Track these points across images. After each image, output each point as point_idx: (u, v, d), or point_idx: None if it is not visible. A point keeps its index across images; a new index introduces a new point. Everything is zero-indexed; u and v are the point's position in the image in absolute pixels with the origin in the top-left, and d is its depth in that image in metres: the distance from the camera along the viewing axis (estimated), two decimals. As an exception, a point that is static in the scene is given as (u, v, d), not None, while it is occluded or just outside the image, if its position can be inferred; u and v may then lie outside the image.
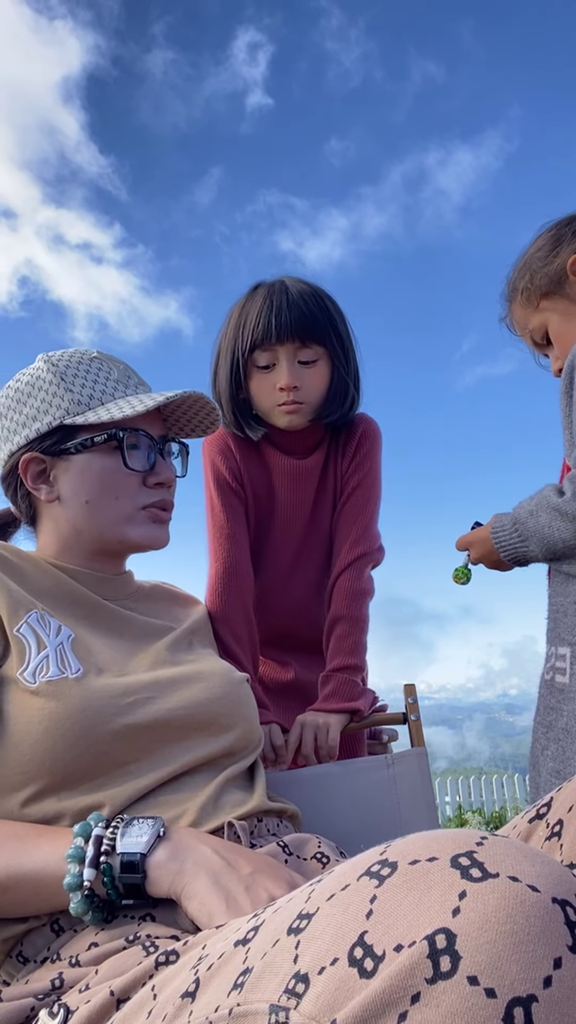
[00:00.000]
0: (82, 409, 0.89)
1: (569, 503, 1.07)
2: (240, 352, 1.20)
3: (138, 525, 0.93)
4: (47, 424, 0.89)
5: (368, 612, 1.25)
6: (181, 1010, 0.41)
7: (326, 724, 1.15)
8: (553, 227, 1.28)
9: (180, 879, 0.63)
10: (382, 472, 1.32)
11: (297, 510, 1.29)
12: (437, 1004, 0.30)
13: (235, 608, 1.18)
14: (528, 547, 1.15)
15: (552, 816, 0.56)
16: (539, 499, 1.13)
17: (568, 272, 1.22)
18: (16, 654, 0.77)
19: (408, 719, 1.21)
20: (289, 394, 1.19)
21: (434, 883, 0.33)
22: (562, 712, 1.11)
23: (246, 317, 1.20)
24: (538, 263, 1.26)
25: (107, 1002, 0.52)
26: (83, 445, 0.89)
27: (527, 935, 0.30)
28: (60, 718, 0.72)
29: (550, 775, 1.10)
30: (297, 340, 1.18)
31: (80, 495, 0.90)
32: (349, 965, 0.32)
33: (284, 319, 1.17)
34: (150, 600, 1.01)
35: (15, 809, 0.72)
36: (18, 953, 0.69)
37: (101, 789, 0.74)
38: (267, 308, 1.17)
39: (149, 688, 0.81)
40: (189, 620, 1.03)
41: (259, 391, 1.22)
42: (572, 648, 1.11)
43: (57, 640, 0.80)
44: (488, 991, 0.29)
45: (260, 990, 0.35)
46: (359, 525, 1.27)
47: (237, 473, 1.26)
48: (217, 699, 0.86)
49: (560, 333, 1.26)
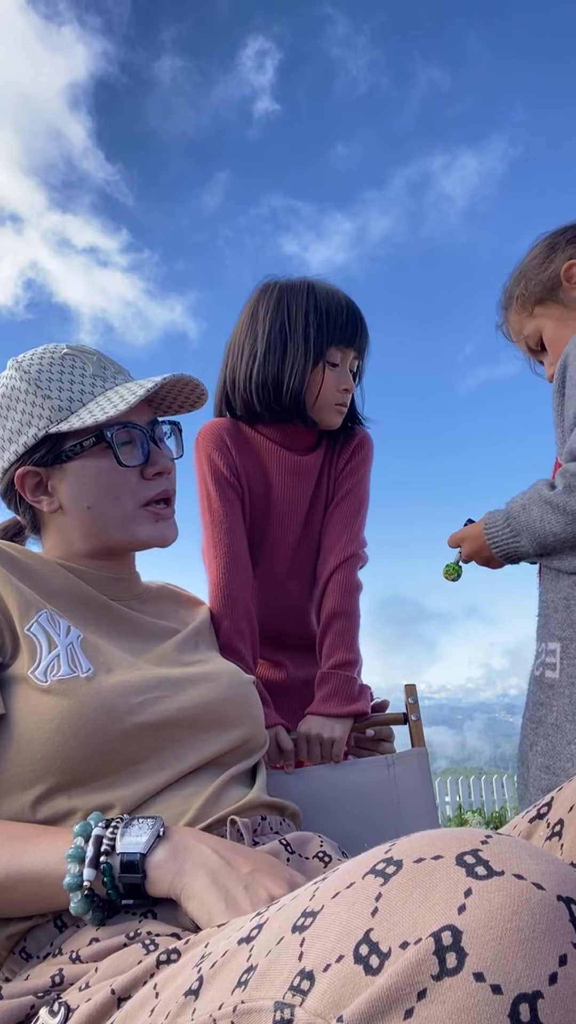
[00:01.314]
0: (64, 415, 0.87)
1: (559, 496, 1.08)
2: (324, 341, 1.22)
3: (143, 524, 0.92)
4: (33, 436, 0.87)
5: (359, 607, 1.26)
6: (184, 1008, 0.41)
7: (331, 737, 1.14)
8: (549, 236, 1.30)
9: (180, 879, 0.63)
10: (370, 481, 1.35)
11: (293, 507, 1.29)
12: (443, 1000, 0.30)
13: (237, 600, 1.17)
14: (520, 542, 1.15)
15: (553, 816, 0.56)
16: (531, 493, 1.14)
17: (562, 278, 1.24)
18: (27, 653, 0.77)
19: (408, 719, 1.21)
20: (345, 396, 1.25)
21: (439, 881, 0.33)
22: (552, 707, 1.11)
23: (326, 310, 1.23)
24: (533, 270, 1.29)
25: (108, 1000, 0.52)
26: (73, 452, 0.88)
27: (533, 932, 0.31)
28: (72, 716, 0.72)
29: (539, 771, 1.11)
30: (358, 351, 1.26)
31: (81, 501, 0.89)
32: (355, 962, 0.32)
33: (364, 329, 1.26)
34: (157, 601, 1.01)
35: (26, 807, 0.72)
36: (21, 949, 0.69)
37: (111, 788, 0.74)
38: (349, 312, 1.24)
39: (159, 687, 0.81)
40: (195, 622, 1.03)
41: (328, 386, 1.24)
42: (562, 643, 1.11)
43: (67, 640, 0.80)
44: (494, 987, 0.29)
45: (265, 987, 0.35)
46: (353, 526, 1.28)
47: (234, 468, 1.25)
48: (226, 699, 0.86)
49: (554, 339, 1.28)
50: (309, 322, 1.22)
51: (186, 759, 0.79)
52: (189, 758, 0.80)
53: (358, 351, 1.26)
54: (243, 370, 1.24)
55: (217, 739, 0.83)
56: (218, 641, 1.10)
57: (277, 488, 1.28)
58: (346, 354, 1.24)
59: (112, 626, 0.89)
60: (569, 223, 1.30)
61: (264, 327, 1.24)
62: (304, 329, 1.22)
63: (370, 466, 1.35)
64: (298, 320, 1.23)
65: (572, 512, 1.07)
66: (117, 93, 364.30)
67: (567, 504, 1.07)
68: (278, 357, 1.22)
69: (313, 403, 1.24)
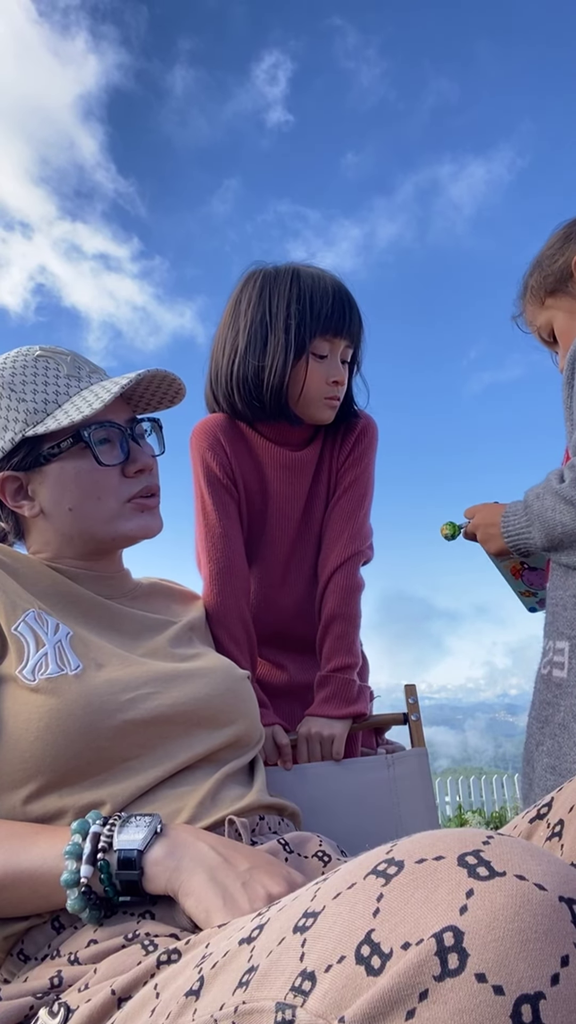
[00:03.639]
0: (40, 417, 0.86)
1: (567, 489, 1.06)
2: (308, 333, 1.16)
3: (127, 519, 0.91)
4: (10, 441, 0.87)
5: (360, 608, 1.24)
6: (185, 1008, 0.41)
7: (331, 735, 1.14)
8: (566, 225, 1.27)
9: (177, 876, 0.63)
10: (375, 472, 1.30)
11: (291, 504, 1.26)
12: (445, 1001, 0.30)
13: (231, 609, 1.17)
14: (531, 533, 1.13)
15: (553, 816, 0.56)
16: (545, 484, 1.13)
17: (572, 270, 1.21)
18: (15, 652, 0.77)
19: (408, 719, 1.21)
20: (335, 389, 1.19)
21: (441, 881, 0.33)
22: (559, 707, 1.10)
23: (310, 299, 1.16)
24: (547, 260, 1.26)
25: (108, 1001, 0.52)
26: (52, 454, 0.87)
27: (535, 933, 0.31)
28: (60, 715, 0.72)
29: (545, 771, 1.10)
30: (350, 339, 1.19)
31: (62, 504, 0.88)
32: (356, 963, 0.32)
33: (354, 316, 1.18)
34: (148, 597, 1.00)
35: (16, 806, 0.72)
36: (19, 951, 0.69)
37: (102, 785, 0.73)
38: (337, 298, 1.16)
39: (150, 683, 0.80)
40: (188, 616, 1.03)
41: (313, 379, 1.18)
42: (571, 642, 1.10)
43: (56, 638, 0.79)
44: (496, 988, 0.29)
45: (266, 988, 0.35)
46: (354, 523, 1.25)
47: (228, 468, 1.22)
48: (219, 695, 0.86)
49: (565, 331, 1.25)
50: (291, 313, 1.16)
51: (179, 755, 0.79)
52: (182, 754, 0.79)
53: (351, 339, 1.19)
54: (224, 366, 1.20)
55: (210, 736, 0.83)
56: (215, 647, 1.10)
57: (272, 485, 1.25)
58: (335, 344, 1.18)
59: (103, 622, 0.88)
60: None
61: (246, 320, 1.18)
62: (285, 321, 1.16)
63: (374, 455, 1.29)
64: (279, 311, 1.17)
65: None
66: (132, 103, 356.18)
67: (574, 496, 1.05)
68: (258, 352, 1.17)
69: (298, 398, 1.19)
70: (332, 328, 1.16)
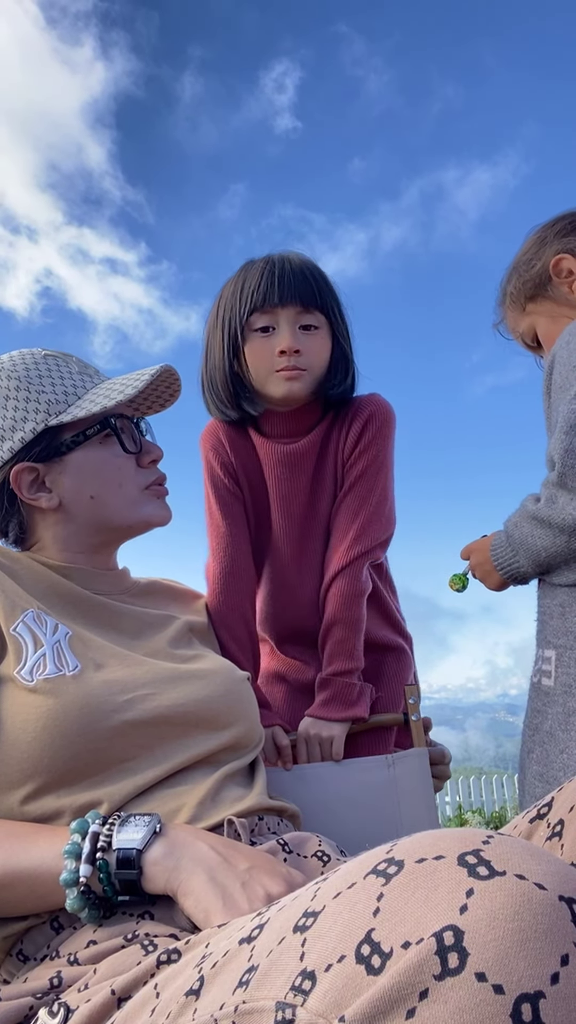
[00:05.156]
0: (62, 408, 0.88)
1: (543, 509, 1.04)
2: (238, 317, 1.12)
3: (146, 504, 0.94)
4: (31, 431, 0.87)
5: (364, 611, 1.21)
6: (185, 1008, 0.41)
7: (330, 737, 1.14)
8: (539, 230, 1.26)
9: (176, 875, 0.63)
10: (394, 457, 1.24)
11: (292, 500, 1.23)
12: (445, 1000, 0.30)
13: (234, 609, 1.17)
14: (519, 561, 1.12)
15: (553, 816, 0.56)
16: (520, 510, 1.11)
17: (551, 273, 1.21)
18: (13, 653, 0.77)
19: (408, 720, 1.21)
20: (290, 358, 1.11)
21: (441, 881, 0.33)
22: (547, 715, 1.09)
23: (243, 283, 1.14)
24: (523, 266, 1.25)
25: (108, 1001, 0.52)
26: (75, 442, 0.89)
27: (534, 932, 0.31)
28: (58, 716, 0.72)
29: (534, 778, 1.09)
30: (299, 303, 1.12)
31: (84, 491, 0.90)
32: (356, 962, 0.32)
33: (288, 280, 1.11)
34: (147, 595, 1.01)
35: (14, 806, 0.72)
36: (18, 951, 0.69)
37: (100, 786, 0.73)
38: (268, 271, 1.12)
39: (148, 684, 0.80)
40: (188, 614, 1.03)
41: (256, 356, 1.13)
42: (557, 651, 1.09)
43: (54, 638, 0.79)
44: (496, 987, 0.29)
45: (266, 987, 0.35)
46: (360, 520, 1.18)
47: (230, 468, 1.22)
48: (218, 696, 0.86)
49: (548, 335, 1.24)
50: (226, 307, 1.15)
51: (177, 756, 0.79)
52: (180, 755, 0.79)
53: (299, 302, 1.11)
54: (203, 377, 1.22)
55: (209, 737, 0.83)
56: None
57: (272, 482, 1.24)
58: (275, 314, 1.12)
59: (102, 620, 0.88)
60: (558, 214, 1.25)
61: (207, 328, 1.22)
62: (222, 316, 1.16)
63: (388, 439, 1.21)
64: (220, 309, 1.17)
65: (556, 524, 1.02)
66: (141, 109, 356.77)
67: (550, 516, 1.03)
68: (209, 347, 1.19)
69: (252, 382, 1.16)
70: (261, 299, 1.11)
